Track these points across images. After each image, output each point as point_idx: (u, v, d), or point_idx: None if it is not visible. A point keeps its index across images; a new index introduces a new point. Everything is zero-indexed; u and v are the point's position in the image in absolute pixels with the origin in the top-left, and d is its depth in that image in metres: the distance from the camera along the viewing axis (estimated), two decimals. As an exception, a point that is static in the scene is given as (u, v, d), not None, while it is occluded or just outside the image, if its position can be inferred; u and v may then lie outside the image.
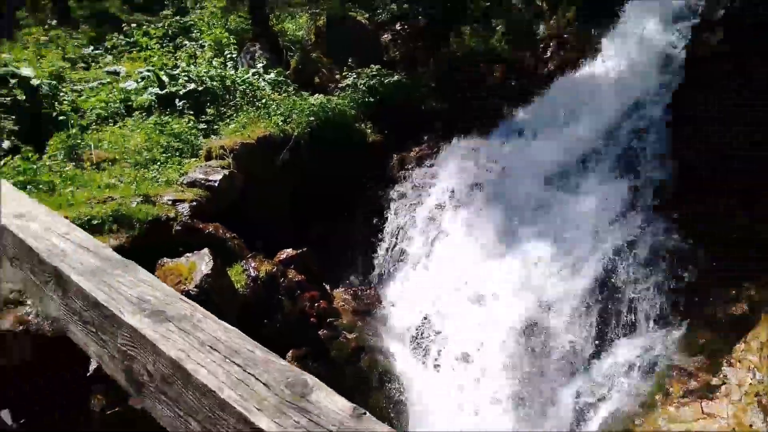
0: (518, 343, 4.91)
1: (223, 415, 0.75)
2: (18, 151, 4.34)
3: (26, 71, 5.43)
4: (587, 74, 7.60)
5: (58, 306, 1.16)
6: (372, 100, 7.22)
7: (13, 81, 5.21)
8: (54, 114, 5.25)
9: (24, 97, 5.14)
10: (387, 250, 5.97)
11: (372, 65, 7.70)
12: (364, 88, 7.27)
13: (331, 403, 0.72)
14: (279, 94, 6.58)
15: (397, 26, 9.53)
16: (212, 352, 0.85)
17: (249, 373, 0.79)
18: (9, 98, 5.03)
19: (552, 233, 5.58)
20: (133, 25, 8.05)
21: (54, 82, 5.81)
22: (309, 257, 5.14)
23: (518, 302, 5.12)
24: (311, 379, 0.76)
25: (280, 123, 5.94)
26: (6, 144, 4.49)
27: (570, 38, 8.32)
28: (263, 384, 0.76)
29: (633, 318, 4.78)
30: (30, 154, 4.30)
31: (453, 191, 6.41)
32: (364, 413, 0.69)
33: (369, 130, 6.93)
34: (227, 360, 0.82)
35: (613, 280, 4.99)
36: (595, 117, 6.72)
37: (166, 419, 0.88)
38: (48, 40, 7.31)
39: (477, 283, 5.43)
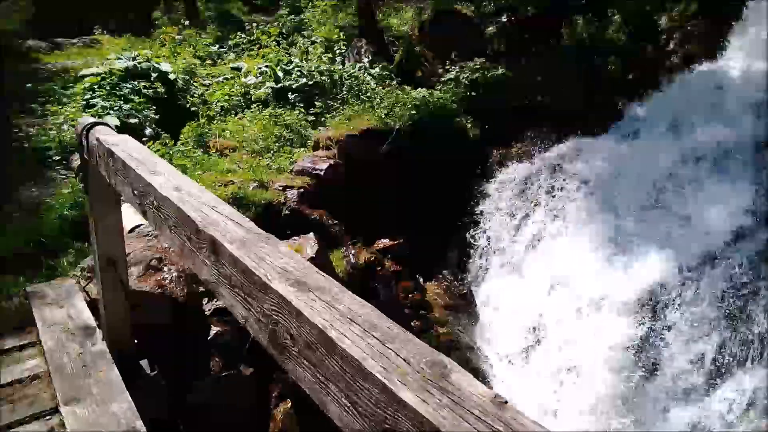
0: (622, 359, 4.57)
1: (365, 384, 0.77)
2: (158, 137, 4.94)
3: (165, 67, 6.13)
4: (711, 72, 6.84)
5: (210, 270, 1.29)
6: (474, 93, 7.12)
7: (154, 75, 5.91)
8: (187, 105, 5.87)
9: (163, 90, 5.82)
10: (483, 247, 5.87)
11: (476, 58, 7.59)
12: (466, 81, 7.19)
13: (471, 386, 0.71)
14: (383, 88, 6.74)
15: (503, 18, 9.26)
16: (352, 324, 0.88)
17: (388, 347, 0.81)
18: (151, 90, 5.72)
19: (666, 244, 5.10)
20: (254, 24, 8.70)
21: (187, 77, 6.49)
22: (405, 248, 5.24)
23: (625, 316, 4.76)
24: (449, 361, 0.76)
25: (383, 116, 6.08)
26: (149, 131, 5.12)
27: (694, 31, 7.54)
28: (403, 359, 0.77)
29: (760, 347, 4.23)
30: (168, 140, 4.86)
31: (556, 191, 6.12)
32: (506, 401, 0.68)
33: (470, 125, 6.85)
34: (367, 333, 0.85)
35: (735, 303, 4.45)
36: (720, 118, 6.02)
37: (306, 382, 0.93)
38: (182, 39, 8.17)
39: (579, 291, 5.14)
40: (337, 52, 7.36)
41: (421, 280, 5.46)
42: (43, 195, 4.04)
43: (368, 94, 6.41)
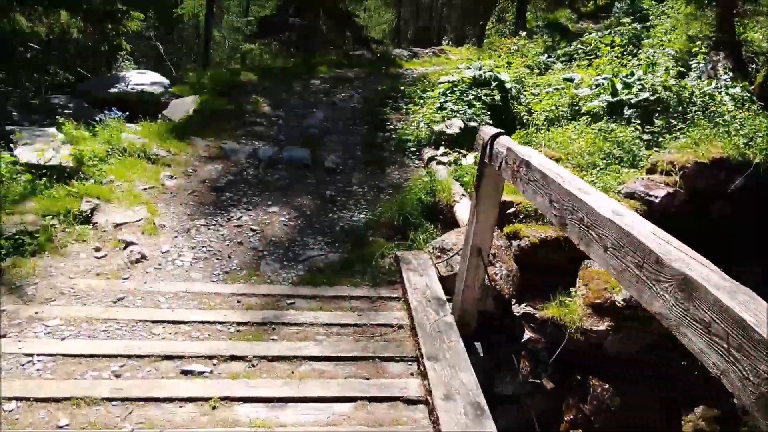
0: None
1: None
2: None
3: (504, 77, 6.60)
4: None
5: (668, 305, 1.27)
6: None
7: (494, 84, 6.44)
8: (519, 113, 6.20)
9: (499, 98, 6.29)
10: None
11: None
12: None
13: None
14: (742, 112, 5.64)
15: None
16: None
17: None
18: (488, 97, 6.25)
19: None
20: (593, 34, 8.47)
21: (518, 86, 6.84)
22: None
23: None
24: None
25: (741, 145, 5.10)
26: (484, 134, 5.64)
27: None
28: None
29: None
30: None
31: None
32: None
33: None
34: None
35: None
36: None
37: None
38: (516, 50, 8.64)
39: None
40: (692, 66, 6.50)
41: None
42: (402, 177, 4.95)
43: (725, 117, 5.46)
